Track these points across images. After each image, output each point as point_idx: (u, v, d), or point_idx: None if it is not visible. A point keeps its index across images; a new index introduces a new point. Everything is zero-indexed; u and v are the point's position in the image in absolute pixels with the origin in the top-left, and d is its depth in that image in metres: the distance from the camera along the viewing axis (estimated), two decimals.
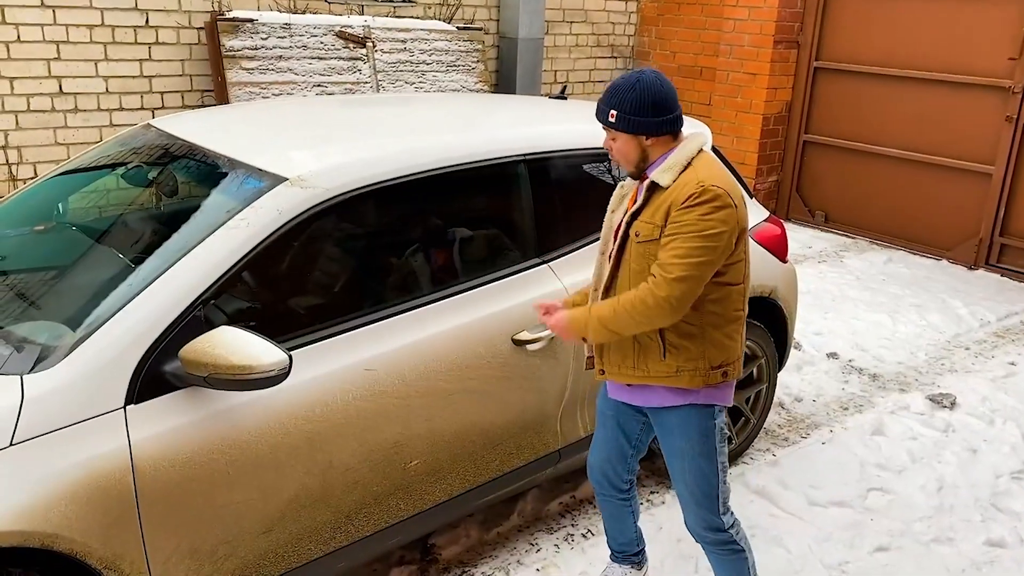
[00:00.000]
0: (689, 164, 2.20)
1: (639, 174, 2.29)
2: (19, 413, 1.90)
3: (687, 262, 2.10)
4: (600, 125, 2.28)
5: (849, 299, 5.58)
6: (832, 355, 4.74)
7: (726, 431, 2.42)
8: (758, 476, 3.45)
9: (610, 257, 2.34)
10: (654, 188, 2.21)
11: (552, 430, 2.92)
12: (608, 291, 2.33)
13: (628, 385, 2.36)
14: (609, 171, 3.26)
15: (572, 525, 3.18)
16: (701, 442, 2.32)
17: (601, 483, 2.62)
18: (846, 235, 7.08)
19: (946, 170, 6.47)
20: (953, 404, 4.17)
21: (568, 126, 3.24)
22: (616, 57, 8.00)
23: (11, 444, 1.88)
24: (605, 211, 2.42)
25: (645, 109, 2.18)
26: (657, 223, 2.18)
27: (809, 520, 3.21)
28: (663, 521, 3.13)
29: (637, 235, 2.23)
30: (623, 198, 2.40)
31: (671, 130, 2.24)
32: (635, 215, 2.24)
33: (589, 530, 3.13)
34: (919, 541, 3.14)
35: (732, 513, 2.43)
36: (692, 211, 2.12)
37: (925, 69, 6.45)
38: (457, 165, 2.72)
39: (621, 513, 2.66)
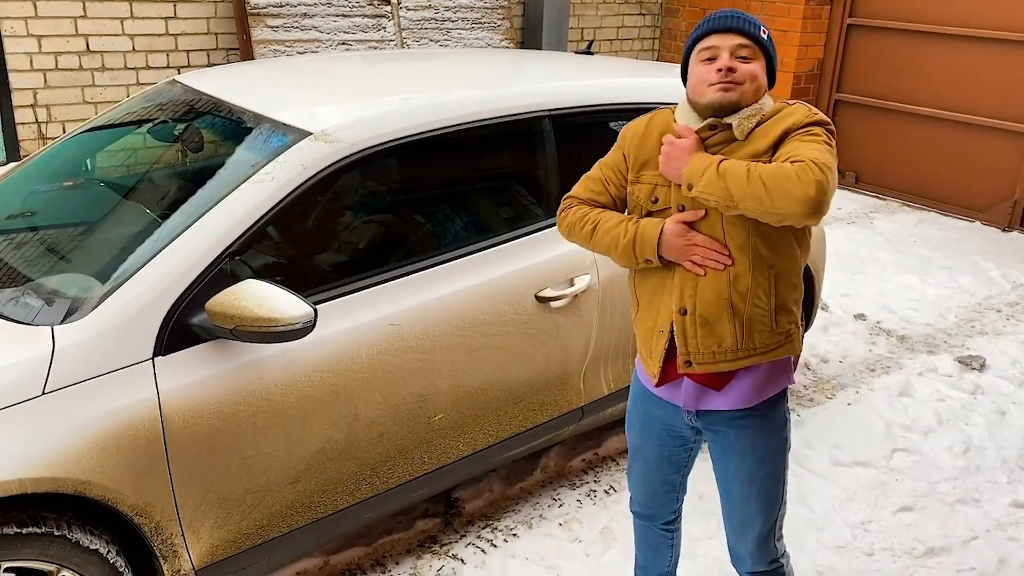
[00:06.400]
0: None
1: (729, 112, 1.86)
2: (51, 363, 1.94)
3: (827, 166, 1.71)
4: (723, 38, 1.87)
5: (878, 261, 5.50)
6: (860, 316, 4.69)
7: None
8: None
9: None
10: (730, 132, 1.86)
11: (575, 387, 2.92)
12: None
13: (706, 385, 1.94)
14: None
15: (595, 481, 3.20)
16: (772, 461, 2.01)
17: (643, 514, 2.29)
18: (876, 196, 6.97)
19: (982, 130, 6.32)
20: (982, 366, 4.12)
21: (594, 82, 3.19)
22: (644, 14, 7.86)
23: (43, 393, 1.91)
24: None
25: None
26: (760, 158, 1.82)
27: (833, 480, 3.21)
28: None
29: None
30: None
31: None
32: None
33: (611, 486, 3.15)
34: (944, 501, 3.13)
35: (783, 540, 2.14)
36: (817, 131, 1.81)
37: (962, 25, 6.28)
38: (481, 120, 2.69)
39: (660, 544, 2.30)
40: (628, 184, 2.01)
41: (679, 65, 2.05)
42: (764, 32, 1.90)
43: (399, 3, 6.04)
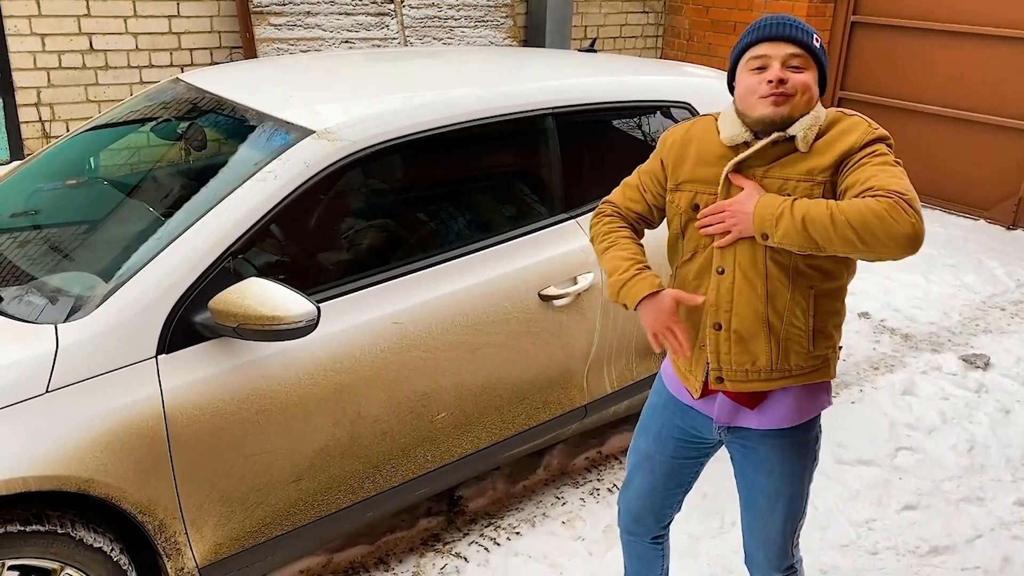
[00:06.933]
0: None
1: (782, 126, 1.78)
2: (54, 361, 1.94)
3: (915, 197, 1.65)
4: (775, 47, 1.78)
5: None
6: (864, 315, 4.68)
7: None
8: None
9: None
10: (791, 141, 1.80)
11: (578, 386, 2.92)
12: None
13: (739, 402, 1.90)
14: (639, 125, 3.22)
15: (598, 480, 3.19)
16: (800, 478, 1.98)
17: (632, 529, 2.22)
18: None
19: (986, 127, 6.30)
20: (987, 365, 4.11)
21: (597, 79, 3.18)
22: (647, 12, 7.85)
23: (47, 391, 1.92)
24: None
25: None
26: (816, 176, 1.76)
27: (836, 478, 3.20)
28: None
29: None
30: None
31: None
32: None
33: (615, 484, 3.15)
34: (948, 500, 3.12)
35: (799, 545, 2.11)
36: (883, 149, 1.77)
37: (966, 22, 6.26)
38: (484, 118, 2.69)
39: (651, 556, 2.26)
40: (668, 192, 1.94)
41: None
42: (817, 40, 1.80)
43: (402, 1, 6.03)
